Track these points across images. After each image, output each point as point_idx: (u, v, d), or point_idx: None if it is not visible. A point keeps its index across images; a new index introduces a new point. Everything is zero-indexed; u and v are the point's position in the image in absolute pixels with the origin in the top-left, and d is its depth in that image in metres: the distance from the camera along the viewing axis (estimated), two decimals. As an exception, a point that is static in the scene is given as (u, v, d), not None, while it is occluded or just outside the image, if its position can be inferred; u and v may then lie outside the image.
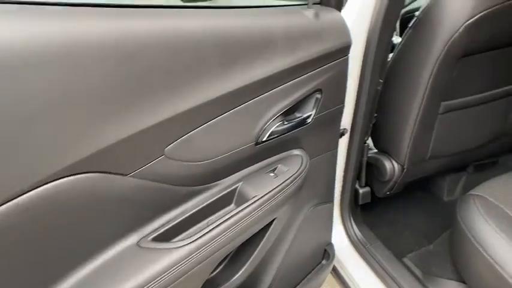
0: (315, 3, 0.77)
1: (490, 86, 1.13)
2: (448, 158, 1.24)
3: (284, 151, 0.80)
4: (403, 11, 1.84)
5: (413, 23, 1.02)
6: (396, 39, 1.75)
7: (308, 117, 0.77)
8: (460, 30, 0.91)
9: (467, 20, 0.90)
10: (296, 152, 0.81)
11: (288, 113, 0.74)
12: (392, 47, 1.44)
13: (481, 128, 1.22)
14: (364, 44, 0.94)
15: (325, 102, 0.79)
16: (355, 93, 1.02)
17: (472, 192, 1.03)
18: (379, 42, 0.93)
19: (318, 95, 0.77)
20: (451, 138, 1.18)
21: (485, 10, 0.90)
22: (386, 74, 1.12)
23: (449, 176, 1.51)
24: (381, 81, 1.11)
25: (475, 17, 0.90)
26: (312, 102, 0.77)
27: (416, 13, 1.01)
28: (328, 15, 0.74)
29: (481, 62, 1.04)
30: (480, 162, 1.46)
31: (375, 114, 1.19)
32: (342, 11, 0.82)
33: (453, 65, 0.99)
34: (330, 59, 0.74)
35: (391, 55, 1.13)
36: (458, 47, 0.94)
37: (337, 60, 0.76)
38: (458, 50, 0.95)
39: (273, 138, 0.72)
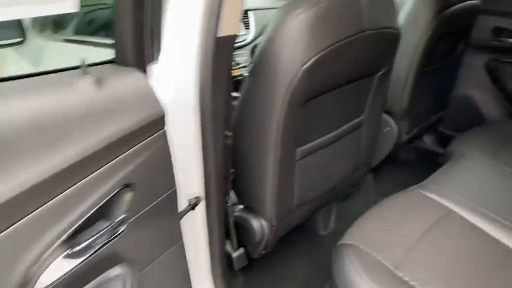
0: (107, 62, 0.55)
1: (338, 123, 1.10)
2: (315, 200, 1.17)
3: (94, 278, 0.54)
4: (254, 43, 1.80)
5: (251, 69, 0.90)
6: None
7: (121, 223, 0.54)
8: (299, 75, 0.82)
9: (304, 64, 0.82)
10: (115, 272, 0.56)
11: (83, 228, 0.49)
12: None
13: (340, 164, 1.19)
14: (198, 100, 0.76)
15: (145, 195, 0.57)
16: (201, 155, 0.84)
17: (344, 241, 0.95)
18: (214, 94, 0.77)
19: (130, 192, 0.54)
20: (314, 181, 1.11)
21: (318, 53, 0.83)
22: (235, 124, 0.98)
23: (320, 209, 1.47)
24: (230, 134, 0.96)
25: (311, 61, 0.82)
26: (121, 203, 0.54)
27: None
28: (125, 80, 0.52)
29: (326, 103, 0.99)
30: (346, 194, 1.47)
31: (232, 170, 1.03)
32: (154, 68, 0.62)
33: (299, 110, 0.91)
34: (136, 139, 0.53)
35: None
36: (300, 92, 0.86)
37: (149, 137, 0.55)
38: (300, 95, 0.86)
39: (62, 276, 0.46)
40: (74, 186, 0.45)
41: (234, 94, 0.98)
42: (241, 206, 1.13)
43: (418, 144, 2.02)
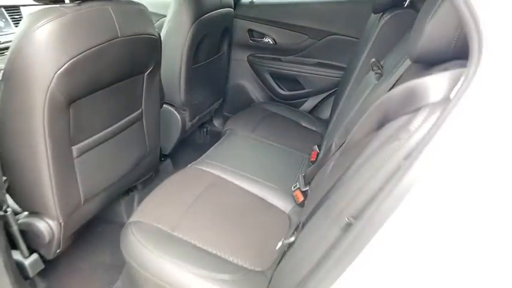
0: None
1: (114, 119, 1.22)
2: (106, 191, 1.27)
3: None
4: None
5: (2, 75, 0.91)
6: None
7: None
8: (54, 80, 0.90)
9: (57, 70, 0.90)
10: None
11: None
12: None
13: (126, 154, 1.32)
14: None
15: None
16: None
17: (130, 219, 1.10)
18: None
19: None
20: (99, 174, 1.21)
21: (71, 59, 0.92)
22: None
23: (123, 199, 1.57)
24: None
25: (64, 67, 0.91)
26: None
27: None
28: None
29: (96, 102, 1.09)
30: (144, 179, 1.61)
31: (4, 178, 1.02)
32: None
33: (64, 112, 0.98)
34: None
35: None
36: (60, 95, 0.93)
37: None
38: (61, 98, 0.94)
39: None
40: None
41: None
42: (25, 213, 1.12)
43: (209, 127, 2.38)
